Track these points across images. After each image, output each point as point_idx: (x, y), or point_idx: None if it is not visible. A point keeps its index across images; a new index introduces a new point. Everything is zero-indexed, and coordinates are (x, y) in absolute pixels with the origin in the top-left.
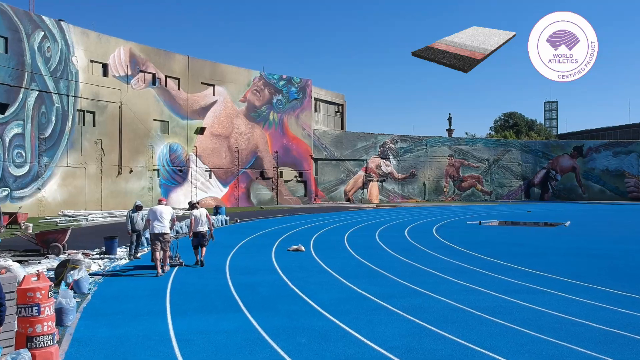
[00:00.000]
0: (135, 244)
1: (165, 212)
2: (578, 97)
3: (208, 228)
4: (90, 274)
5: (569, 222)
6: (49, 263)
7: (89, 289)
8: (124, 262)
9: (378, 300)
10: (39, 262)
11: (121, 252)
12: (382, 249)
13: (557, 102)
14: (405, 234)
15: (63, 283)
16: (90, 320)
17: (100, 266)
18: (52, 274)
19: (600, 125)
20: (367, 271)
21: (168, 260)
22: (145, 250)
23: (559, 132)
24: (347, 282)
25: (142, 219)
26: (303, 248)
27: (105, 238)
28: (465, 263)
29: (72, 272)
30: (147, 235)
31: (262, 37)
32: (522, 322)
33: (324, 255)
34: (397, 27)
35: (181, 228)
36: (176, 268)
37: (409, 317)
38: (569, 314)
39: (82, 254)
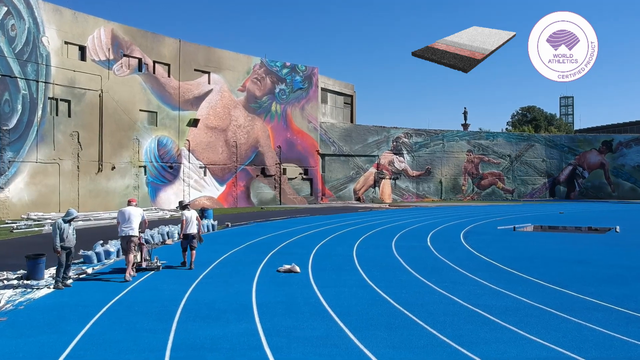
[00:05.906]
0: (64, 266)
1: (135, 214)
2: (591, 93)
3: (197, 230)
4: None
5: (618, 227)
6: None
7: None
8: (43, 292)
9: None
10: None
11: (50, 275)
12: (402, 269)
13: (573, 97)
14: (428, 243)
15: None
16: None
17: (1, 301)
18: None
19: (617, 120)
20: (385, 313)
21: (144, 263)
22: (88, 270)
23: (575, 128)
24: (354, 339)
25: (74, 232)
26: (298, 269)
27: (27, 257)
28: (522, 295)
29: None
30: (98, 251)
31: (263, 21)
32: None
33: (326, 280)
34: (410, 15)
35: (152, 237)
36: (151, 273)
37: None
38: None
39: None
